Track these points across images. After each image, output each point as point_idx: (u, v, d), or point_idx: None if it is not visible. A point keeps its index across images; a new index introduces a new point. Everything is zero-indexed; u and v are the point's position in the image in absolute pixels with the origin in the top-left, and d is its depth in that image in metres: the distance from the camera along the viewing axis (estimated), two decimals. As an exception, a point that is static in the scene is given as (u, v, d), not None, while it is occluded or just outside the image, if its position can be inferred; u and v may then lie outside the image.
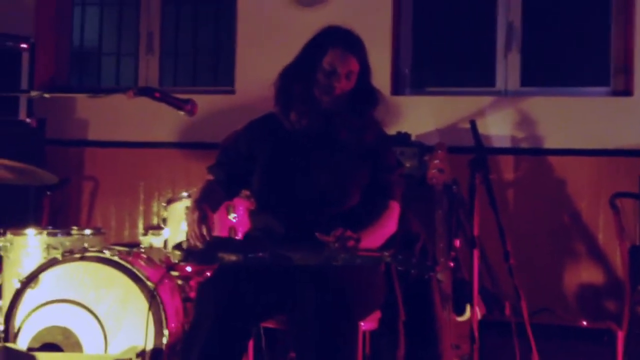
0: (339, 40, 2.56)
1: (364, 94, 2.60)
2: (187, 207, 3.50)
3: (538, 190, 4.30)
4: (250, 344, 2.47)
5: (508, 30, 4.52)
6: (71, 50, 5.23)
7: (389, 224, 2.60)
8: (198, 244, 2.32)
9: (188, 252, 2.32)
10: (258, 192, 2.66)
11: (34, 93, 2.62)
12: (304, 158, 2.59)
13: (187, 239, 2.37)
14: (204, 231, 2.32)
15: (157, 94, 2.54)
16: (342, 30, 2.62)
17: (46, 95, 2.58)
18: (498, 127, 4.35)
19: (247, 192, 3.10)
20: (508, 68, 4.53)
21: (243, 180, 2.69)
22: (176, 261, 2.35)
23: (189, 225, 2.37)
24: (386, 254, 2.30)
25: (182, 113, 2.59)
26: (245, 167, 2.65)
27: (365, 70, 2.61)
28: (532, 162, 4.33)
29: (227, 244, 2.39)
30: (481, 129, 3.15)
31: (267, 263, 2.31)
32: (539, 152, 4.32)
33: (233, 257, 2.30)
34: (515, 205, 4.31)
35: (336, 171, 2.57)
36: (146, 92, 2.55)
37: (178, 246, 2.37)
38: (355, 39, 2.61)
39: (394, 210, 2.62)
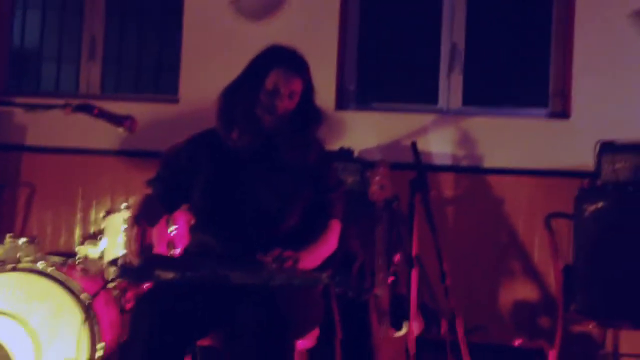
0: (282, 60, 2.56)
1: (307, 114, 2.60)
2: (125, 219, 3.46)
3: (477, 208, 4.37)
4: (186, 361, 2.44)
5: (452, 51, 4.59)
6: (10, 53, 5.11)
7: (328, 244, 2.61)
8: (135, 260, 2.29)
9: (124, 269, 2.29)
10: (197, 209, 2.64)
11: (-34, 103, 2.55)
12: (245, 177, 2.58)
13: (124, 255, 2.33)
14: (141, 249, 2.29)
15: (96, 111, 2.51)
16: (286, 50, 2.61)
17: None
18: (439, 144, 4.41)
19: (188, 205, 3.07)
20: (450, 87, 4.60)
21: (183, 195, 2.66)
22: (111, 277, 2.31)
23: (126, 241, 2.33)
24: (324, 275, 2.30)
25: (120, 130, 2.56)
26: (185, 182, 2.63)
27: (308, 89, 2.61)
28: (471, 180, 4.40)
29: (164, 261, 2.36)
30: (423, 146, 3.19)
31: (204, 281, 2.29)
32: (478, 171, 4.38)
33: (170, 275, 2.27)
34: (454, 223, 4.37)
35: (277, 190, 2.56)
36: (84, 108, 2.52)
37: (114, 262, 2.33)
38: (298, 59, 2.61)
39: (334, 229, 2.63)
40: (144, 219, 2.40)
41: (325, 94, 4.45)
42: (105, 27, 4.99)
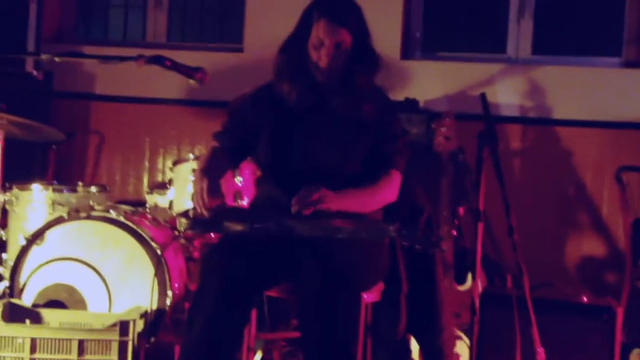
0: (324, 11, 2.48)
1: (360, 62, 2.54)
2: (192, 170, 3.52)
3: (544, 160, 4.30)
4: (253, 311, 2.49)
5: (521, -3, 4.46)
6: (79, 1, 5.18)
7: (384, 191, 2.57)
8: (205, 212, 2.32)
9: (194, 221, 2.33)
10: (261, 162, 2.67)
11: (44, 56, 2.60)
12: (303, 131, 2.58)
13: (194, 208, 2.37)
14: (212, 201, 2.33)
15: (168, 63, 2.53)
16: (330, 0, 2.54)
17: (56, 59, 2.56)
18: (507, 95, 4.32)
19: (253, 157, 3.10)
20: (520, 35, 4.49)
21: (249, 148, 2.69)
22: (182, 229, 2.35)
23: (196, 193, 2.37)
24: (391, 228, 2.30)
25: (192, 82, 2.58)
26: (250, 135, 2.64)
27: (359, 36, 2.52)
28: (539, 131, 4.32)
29: (232, 213, 2.39)
30: (490, 97, 3.11)
31: (272, 233, 2.32)
32: (547, 122, 4.30)
33: (239, 227, 2.30)
34: (520, 175, 4.31)
35: (333, 144, 2.55)
36: (157, 60, 2.55)
37: (184, 214, 2.37)
38: (342, 7, 2.52)
39: (393, 179, 2.58)
40: (212, 172, 2.43)
41: (390, 43, 4.41)
42: (170, -25, 5.01)
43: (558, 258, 4.23)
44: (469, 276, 3.30)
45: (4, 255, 3.39)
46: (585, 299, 3.06)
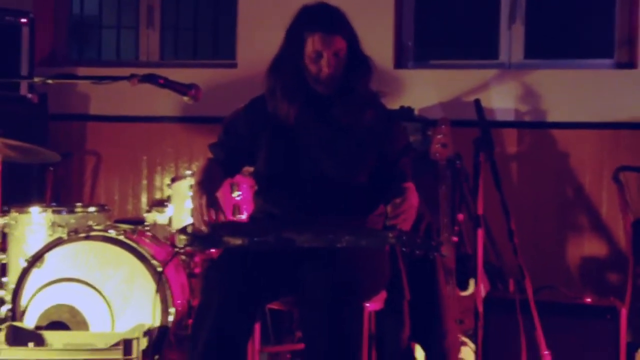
0: (317, 24, 2.47)
1: (356, 68, 2.53)
2: (190, 186, 3.52)
3: (541, 164, 4.30)
4: (257, 325, 2.48)
5: (512, 2, 4.48)
6: (71, 22, 5.19)
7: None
8: (204, 228, 2.32)
9: (193, 237, 2.32)
10: (260, 176, 2.65)
11: (37, 79, 2.60)
12: (304, 143, 2.56)
13: (193, 223, 2.36)
14: (212, 215, 2.32)
15: (161, 81, 2.54)
16: (317, 11, 2.52)
17: (49, 81, 2.57)
18: (501, 100, 4.33)
19: (250, 169, 3.10)
20: (512, 40, 4.50)
21: (244, 160, 2.68)
22: (181, 245, 2.34)
23: (194, 209, 2.36)
24: (390, 235, 2.30)
25: (186, 98, 2.58)
26: (245, 147, 2.63)
27: (352, 41, 2.52)
28: (535, 135, 4.32)
29: (232, 227, 2.38)
30: (484, 103, 3.13)
31: (272, 246, 2.32)
32: (542, 126, 4.30)
33: (238, 241, 2.30)
34: (518, 179, 4.32)
35: (337, 155, 2.53)
36: (150, 79, 2.55)
37: (183, 230, 2.36)
38: (331, 15, 2.50)
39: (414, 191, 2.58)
40: (209, 186, 2.42)
41: (383, 53, 4.42)
42: (161, -6, 5.02)
43: (559, 260, 4.22)
44: (472, 282, 3.30)
45: (4, 279, 3.38)
46: (588, 300, 3.06)
